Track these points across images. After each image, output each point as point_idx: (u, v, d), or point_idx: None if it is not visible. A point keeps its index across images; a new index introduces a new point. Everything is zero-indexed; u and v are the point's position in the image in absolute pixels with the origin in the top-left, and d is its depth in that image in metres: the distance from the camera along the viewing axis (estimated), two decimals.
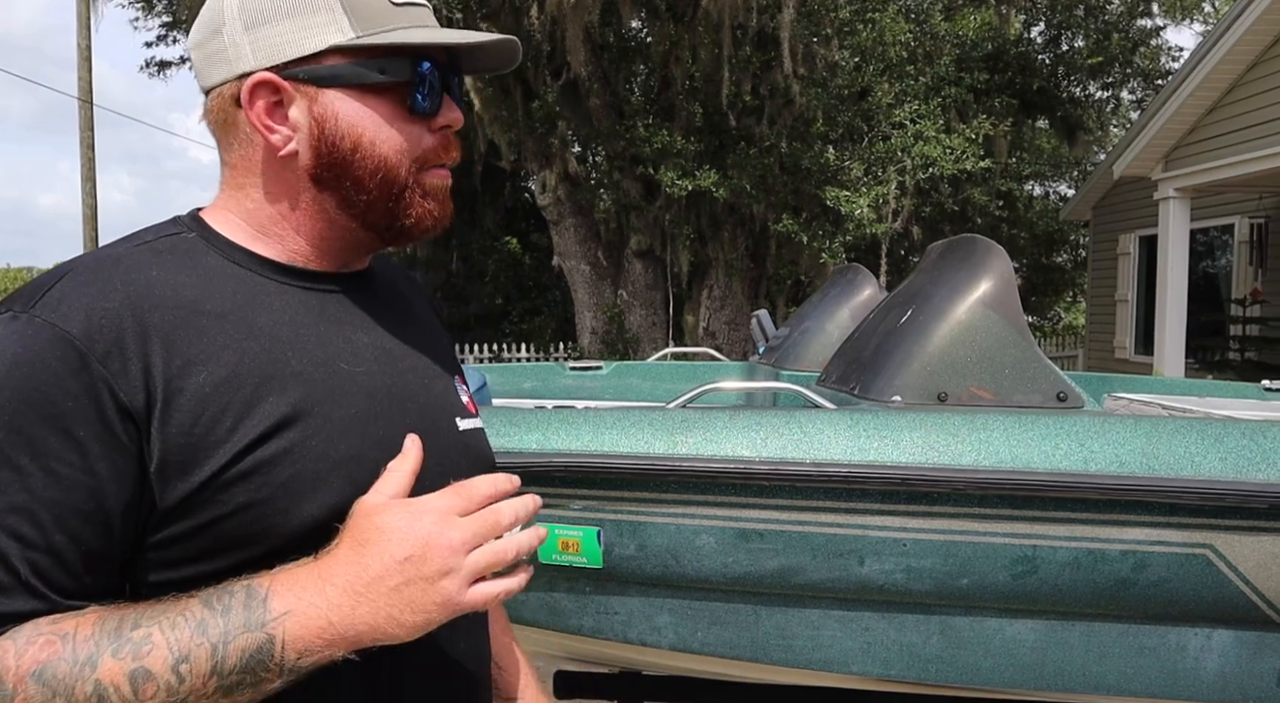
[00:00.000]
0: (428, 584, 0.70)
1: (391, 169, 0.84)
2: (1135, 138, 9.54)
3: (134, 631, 0.67)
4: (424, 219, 0.87)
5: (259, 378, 0.77)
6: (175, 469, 0.72)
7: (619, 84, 12.34)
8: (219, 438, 0.74)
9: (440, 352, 0.98)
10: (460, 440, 0.92)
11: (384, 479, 0.76)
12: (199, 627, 0.67)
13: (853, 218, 10.80)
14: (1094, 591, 1.90)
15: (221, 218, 0.86)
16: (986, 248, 2.35)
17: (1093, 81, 14.86)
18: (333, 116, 0.83)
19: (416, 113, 0.85)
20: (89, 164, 15.67)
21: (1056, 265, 17.42)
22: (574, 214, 12.21)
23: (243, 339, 0.78)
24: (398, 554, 0.70)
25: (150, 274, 0.78)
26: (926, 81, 11.76)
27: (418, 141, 0.86)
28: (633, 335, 12.27)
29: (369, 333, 0.88)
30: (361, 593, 0.69)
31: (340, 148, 0.83)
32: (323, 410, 0.79)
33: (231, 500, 0.74)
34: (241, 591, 0.70)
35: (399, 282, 1.02)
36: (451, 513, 0.73)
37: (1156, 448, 1.89)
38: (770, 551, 1.91)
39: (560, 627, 2.06)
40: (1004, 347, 2.20)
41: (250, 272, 0.83)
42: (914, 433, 1.91)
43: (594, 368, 4.16)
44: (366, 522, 0.72)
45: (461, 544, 0.71)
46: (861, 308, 3.49)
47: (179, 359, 0.74)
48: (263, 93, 0.82)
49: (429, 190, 0.87)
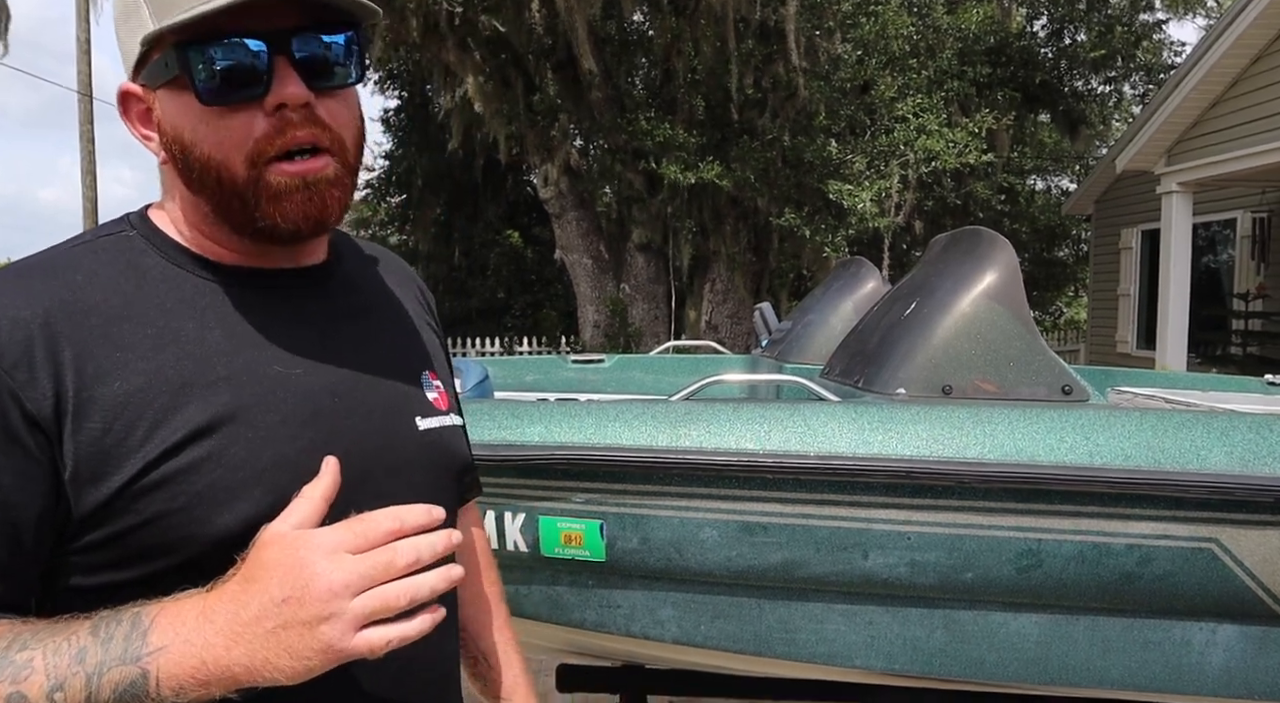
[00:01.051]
0: (306, 629, 0.65)
1: (220, 168, 0.77)
2: (1138, 132, 9.52)
3: (20, 653, 0.66)
4: (282, 224, 0.78)
5: (177, 385, 0.75)
6: (87, 478, 0.71)
7: (620, 77, 12.31)
8: (131, 447, 0.72)
9: (408, 346, 0.93)
10: (418, 440, 0.88)
11: (292, 506, 0.70)
12: (78, 655, 0.65)
13: (855, 212, 10.78)
14: (1099, 585, 1.89)
15: (163, 217, 0.85)
16: (991, 240, 2.34)
17: (1095, 75, 14.82)
18: (164, 118, 0.79)
19: (210, 102, 0.75)
20: (89, 157, 15.66)
21: (1058, 260, 17.39)
22: (576, 207, 12.19)
23: (165, 346, 0.76)
24: (276, 595, 0.65)
25: (75, 279, 0.76)
26: (929, 75, 11.73)
27: (244, 132, 0.76)
28: (635, 329, 12.26)
29: (315, 330, 0.84)
30: (239, 634, 0.65)
31: (175, 151, 0.79)
32: (248, 417, 0.76)
33: (146, 510, 0.72)
34: (129, 618, 0.67)
35: (372, 268, 0.97)
36: (340, 551, 0.66)
37: (1162, 441, 1.88)
38: (774, 544, 1.90)
39: (563, 620, 2.06)
40: (1009, 339, 2.19)
41: (187, 272, 0.81)
42: (918, 426, 1.90)
43: (596, 361, 4.16)
44: (256, 556, 0.68)
45: (344, 587, 0.65)
46: (865, 301, 3.48)
47: (92, 368, 0.72)
48: (130, 102, 0.81)
49: (276, 190, 0.77)
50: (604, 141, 12.09)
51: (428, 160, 15.62)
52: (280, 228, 0.78)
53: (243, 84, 0.75)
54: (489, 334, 13.66)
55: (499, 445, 1.88)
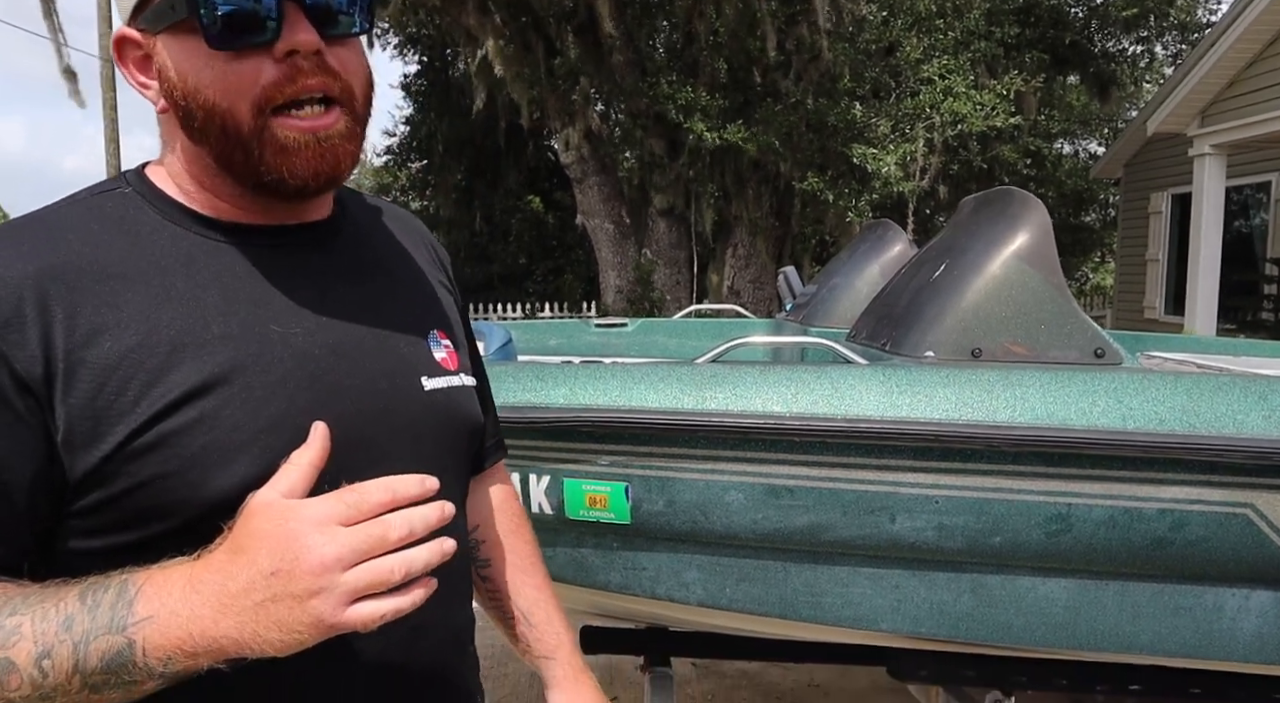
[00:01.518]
0: (295, 603, 0.63)
1: (223, 115, 0.74)
2: (1170, 93, 9.30)
3: (9, 618, 0.65)
4: (290, 179, 0.76)
5: (171, 346, 0.73)
6: (80, 440, 0.70)
7: (642, 40, 12.15)
8: (123, 409, 0.71)
9: (415, 304, 0.91)
10: (424, 400, 0.86)
11: (280, 473, 0.68)
12: (65, 623, 0.65)
13: (879, 176, 10.64)
14: (1129, 550, 1.87)
15: (160, 173, 0.83)
16: (1024, 200, 2.29)
17: (1127, 35, 14.48)
18: (166, 65, 0.76)
19: (218, 46, 0.73)
20: (112, 125, 15.70)
21: (1085, 225, 17.14)
22: (597, 172, 12.11)
23: (158, 305, 0.74)
24: (264, 567, 0.63)
25: (68, 238, 0.75)
26: (956, 36, 11.49)
27: (253, 78, 0.74)
28: (657, 294, 12.22)
29: (317, 290, 0.82)
30: (227, 605, 0.64)
31: (175, 98, 0.76)
32: (244, 377, 0.75)
33: (140, 472, 0.71)
34: (116, 586, 0.66)
35: (377, 223, 0.94)
36: (331, 522, 0.64)
37: (1197, 405, 1.85)
38: (800, 507, 1.89)
39: (587, 582, 2.06)
40: (1040, 302, 2.15)
41: (183, 229, 0.79)
42: (947, 389, 1.87)
43: (619, 325, 4.14)
44: (244, 525, 0.66)
45: (336, 561, 0.63)
46: (892, 264, 3.43)
47: (83, 328, 0.71)
48: (129, 49, 0.78)
49: (283, 145, 0.75)
50: (625, 106, 11.97)
51: (448, 126, 15.56)
52: (288, 183, 0.76)
53: (252, 28, 0.73)
54: (510, 300, 13.67)
55: (523, 408, 1.87)
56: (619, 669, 3.44)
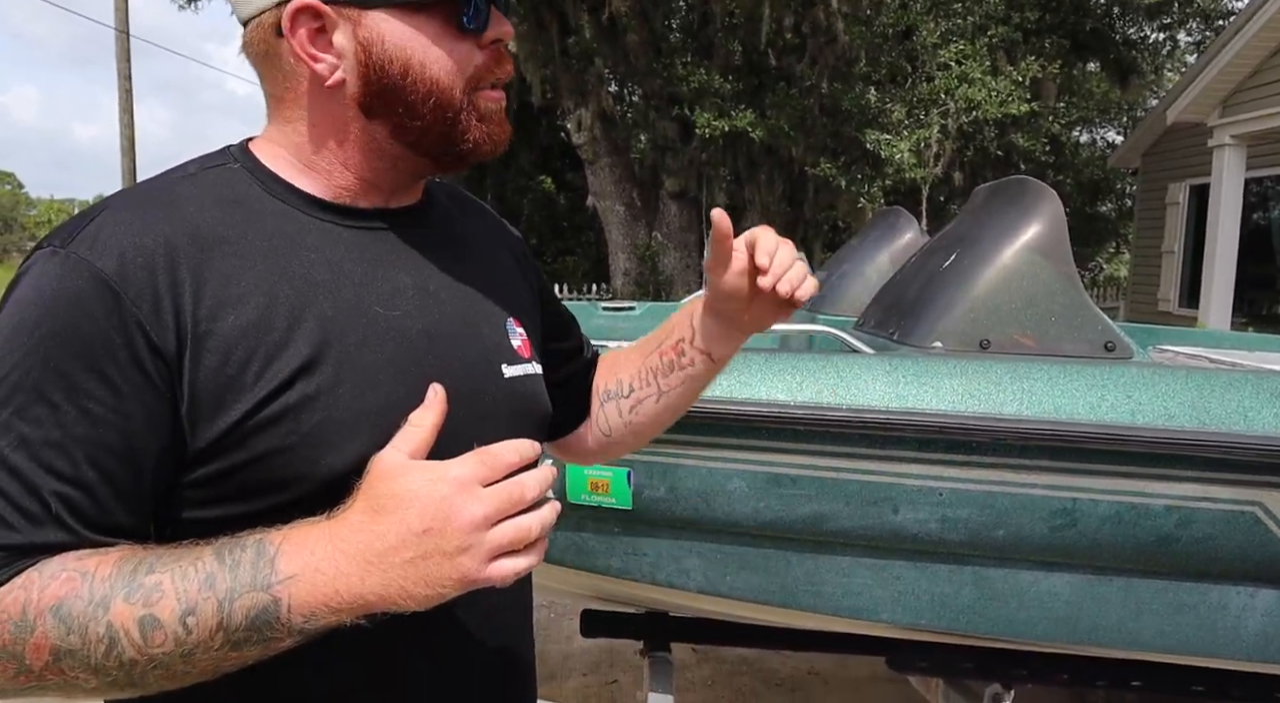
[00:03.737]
0: (445, 559, 0.67)
1: (444, 91, 0.81)
2: (1192, 82, 9.19)
3: (147, 576, 0.66)
4: (482, 143, 0.84)
5: (288, 322, 0.75)
6: (204, 412, 0.72)
7: (657, 20, 12.05)
8: (246, 383, 0.72)
9: (496, 290, 0.93)
10: (505, 388, 0.88)
11: (403, 434, 0.72)
12: (207, 580, 0.66)
13: (893, 162, 10.55)
14: (1135, 545, 1.85)
15: (269, 151, 0.84)
16: (1037, 190, 2.26)
17: (1149, 22, 14.29)
18: (379, 39, 0.78)
19: (466, 29, 0.81)
20: (126, 96, 15.69)
21: (1100, 215, 17.01)
22: (610, 154, 12.06)
23: (275, 281, 0.76)
24: (415, 526, 0.67)
25: (187, 211, 0.76)
26: (974, 20, 11.36)
27: (468, 60, 0.82)
28: (666, 277, 12.19)
29: (412, 273, 0.85)
30: (373, 562, 0.66)
31: (389, 73, 0.79)
32: (354, 356, 0.77)
33: (257, 446, 0.73)
34: (253, 546, 0.68)
35: (463, 212, 0.98)
36: (475, 483, 0.68)
37: (1207, 401, 1.82)
38: (803, 496, 1.88)
39: (588, 567, 2.06)
40: (1051, 294, 2.13)
41: (292, 208, 0.81)
42: (954, 380, 1.85)
43: (627, 309, 4.12)
44: (384, 486, 0.68)
45: (484, 519, 0.67)
46: (902, 252, 3.40)
47: (210, 301, 0.73)
48: (304, 19, 0.78)
49: (484, 113, 0.83)
50: (639, 87, 11.89)
51: None
52: (479, 148, 0.84)
53: (481, 15, 0.82)
54: None
55: None
56: (619, 653, 3.45)
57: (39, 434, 0.68)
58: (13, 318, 0.70)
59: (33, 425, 0.68)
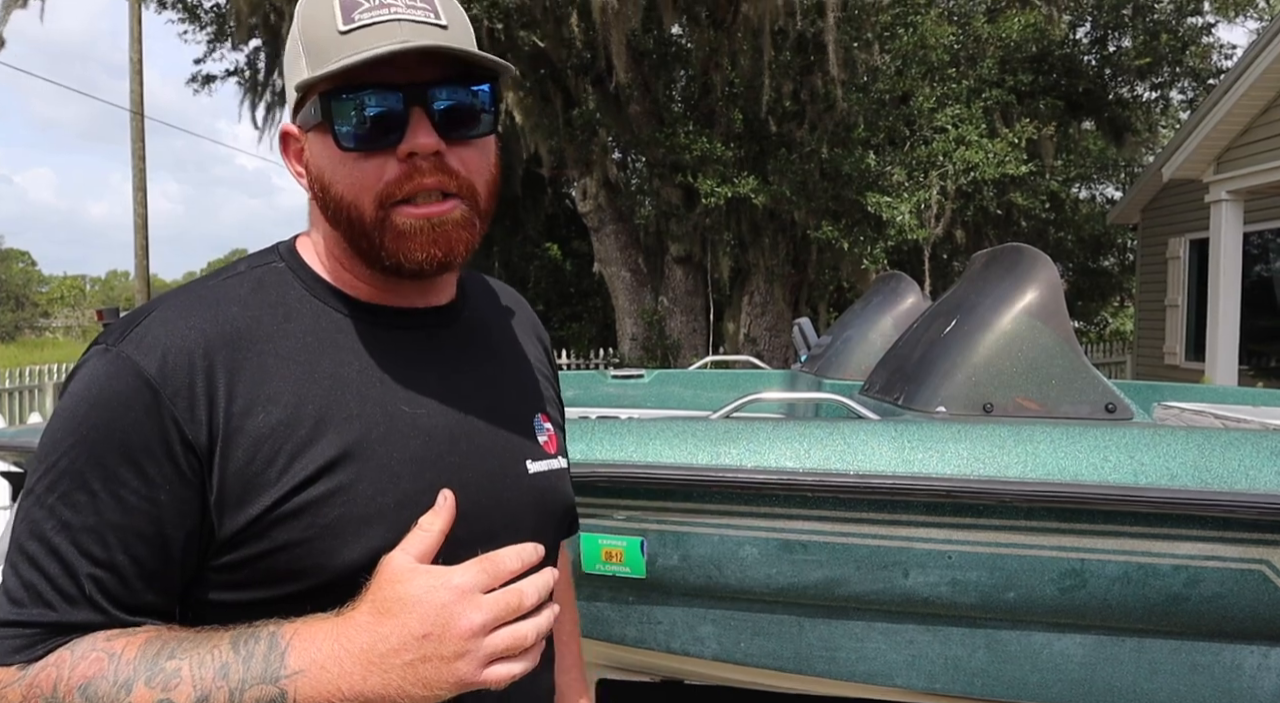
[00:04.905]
0: (443, 664, 0.70)
1: (349, 207, 0.82)
2: (1186, 139, 9.34)
3: (169, 661, 0.71)
4: (405, 262, 0.82)
5: (315, 420, 0.79)
6: (231, 504, 0.77)
7: (659, 91, 12.35)
8: (271, 478, 0.77)
9: (524, 388, 0.97)
10: (529, 484, 0.91)
11: (411, 537, 0.76)
12: (222, 669, 0.70)
13: (894, 224, 10.70)
14: (1145, 606, 1.87)
15: (308, 248, 0.90)
16: (1033, 257, 2.32)
17: (1141, 82, 14.58)
18: (311, 158, 0.85)
19: (345, 148, 0.80)
20: (140, 174, 16.05)
21: (1103, 269, 17.10)
22: (614, 221, 12.24)
23: (305, 381, 0.81)
24: (416, 630, 0.70)
25: (230, 311, 0.82)
26: (969, 84, 11.63)
27: (376, 176, 0.81)
28: (673, 342, 12.26)
29: (440, 372, 0.88)
30: (375, 663, 0.70)
31: (316, 189, 0.85)
32: (376, 454, 0.81)
33: (279, 537, 0.77)
34: (266, 638, 0.72)
35: (495, 305, 1.01)
36: (475, 591, 0.72)
37: (1210, 460, 1.85)
38: (814, 562, 1.90)
39: (603, 636, 2.07)
40: (1051, 357, 2.18)
41: (325, 305, 0.86)
42: (959, 444, 1.89)
43: (635, 376, 4.18)
44: (389, 589, 0.72)
45: (482, 627, 0.71)
46: (905, 317, 3.46)
47: (242, 400, 0.78)
48: (289, 141, 0.88)
49: (401, 231, 0.81)
50: (642, 155, 12.13)
51: None
52: (404, 265, 0.82)
53: (378, 132, 0.80)
54: None
55: None
56: None
57: (79, 520, 0.74)
58: (67, 409, 0.77)
59: (74, 511, 0.74)
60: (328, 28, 0.79)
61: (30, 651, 0.73)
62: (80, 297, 48.87)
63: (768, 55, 10.97)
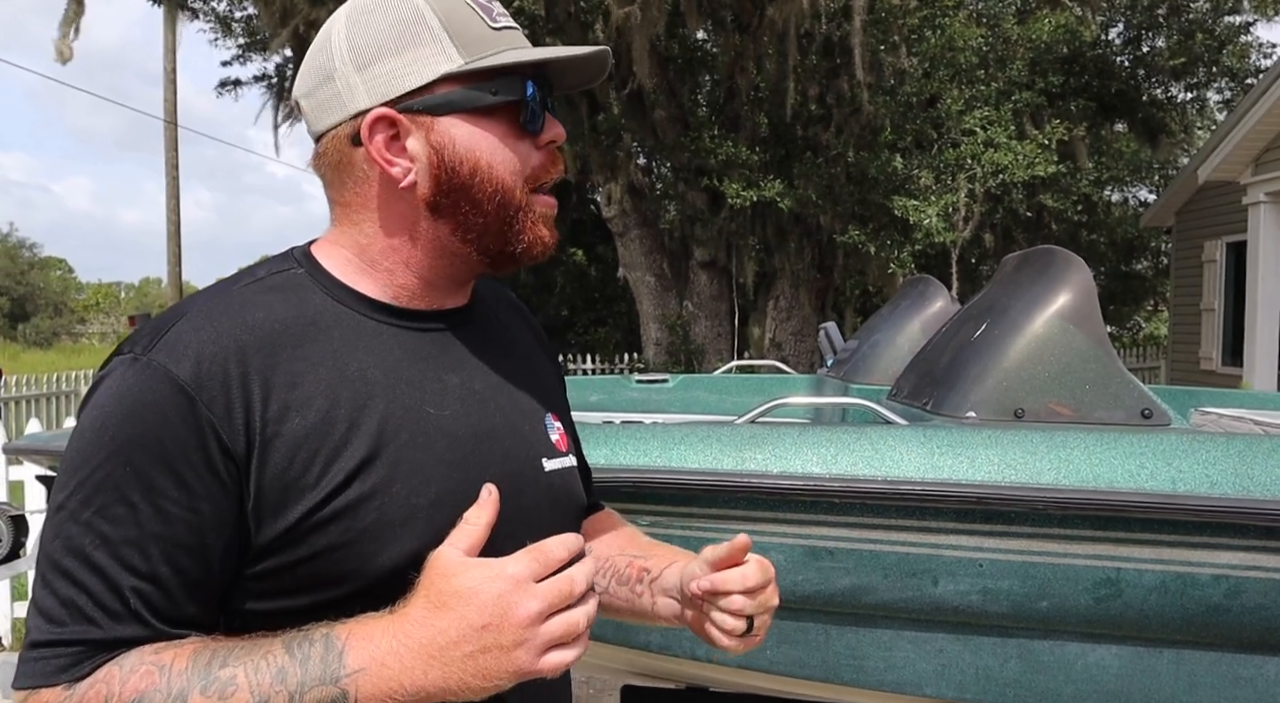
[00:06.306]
0: (502, 653, 0.71)
1: (507, 190, 0.86)
2: (1221, 141, 9.19)
3: (222, 669, 0.70)
4: (535, 244, 0.88)
5: (347, 423, 0.79)
6: (269, 510, 0.76)
7: (684, 95, 12.35)
8: (308, 483, 0.77)
9: (536, 387, 0.98)
10: (546, 481, 0.92)
11: (458, 531, 0.77)
12: (279, 674, 0.70)
13: (922, 227, 10.60)
14: (1184, 616, 1.82)
15: (332, 253, 0.89)
16: (1065, 259, 2.28)
17: (1175, 83, 14.35)
18: (450, 143, 0.84)
19: (528, 130, 0.86)
20: (173, 183, 16.30)
21: (1137, 273, 16.85)
22: (639, 226, 12.24)
23: (336, 384, 0.80)
24: (475, 622, 0.71)
25: (257, 316, 0.81)
26: (998, 86, 11.50)
27: (527, 160, 0.87)
28: (697, 346, 12.24)
29: (460, 373, 0.89)
30: (435, 657, 0.71)
31: (459, 173, 0.85)
32: (407, 456, 0.81)
33: (317, 543, 0.76)
34: (321, 640, 0.72)
35: (502, 309, 1.02)
36: (529, 580, 0.73)
37: (1250, 468, 1.80)
38: (841, 569, 1.87)
39: (627, 642, 2.05)
40: (1084, 361, 2.13)
41: (351, 310, 0.85)
42: (990, 450, 1.85)
43: (660, 381, 4.16)
44: (444, 583, 0.73)
45: (539, 614, 0.72)
46: (933, 321, 3.42)
47: (277, 405, 0.77)
48: (381, 127, 0.85)
49: (540, 216, 0.88)
50: (667, 160, 12.12)
51: None
52: (531, 250, 0.88)
53: (537, 118, 0.87)
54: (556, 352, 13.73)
55: None
56: None
57: (119, 533, 0.72)
58: (95, 422, 0.75)
59: (113, 525, 0.72)
60: (478, 24, 0.85)
61: (76, 669, 0.71)
62: (115, 303, 49.54)
63: (793, 59, 10.92)
